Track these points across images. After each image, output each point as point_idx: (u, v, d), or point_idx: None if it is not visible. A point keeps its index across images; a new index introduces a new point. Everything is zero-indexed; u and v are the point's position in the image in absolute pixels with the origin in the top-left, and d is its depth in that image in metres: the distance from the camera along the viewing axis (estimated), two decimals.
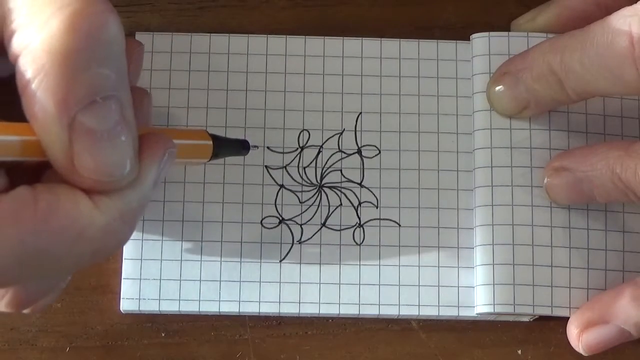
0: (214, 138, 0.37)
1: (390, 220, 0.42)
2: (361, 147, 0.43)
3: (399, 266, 0.42)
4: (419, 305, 0.41)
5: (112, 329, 0.42)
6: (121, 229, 0.30)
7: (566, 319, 0.41)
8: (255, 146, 0.41)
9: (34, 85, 0.27)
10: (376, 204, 0.42)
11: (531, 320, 0.42)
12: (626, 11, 0.36)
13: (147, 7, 0.45)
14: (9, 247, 0.27)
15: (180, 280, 0.41)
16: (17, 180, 0.28)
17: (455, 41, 0.44)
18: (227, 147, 0.38)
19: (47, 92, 0.27)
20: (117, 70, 0.28)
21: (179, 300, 0.41)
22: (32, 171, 0.29)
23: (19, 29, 0.27)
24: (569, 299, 0.41)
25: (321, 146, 0.43)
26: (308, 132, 0.43)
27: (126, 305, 0.41)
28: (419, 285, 0.42)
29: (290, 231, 0.42)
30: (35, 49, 0.27)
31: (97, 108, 0.27)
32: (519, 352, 0.42)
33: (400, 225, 0.42)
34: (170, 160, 0.31)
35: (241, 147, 0.39)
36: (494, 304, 0.41)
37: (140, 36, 0.43)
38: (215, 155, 0.37)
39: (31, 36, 0.27)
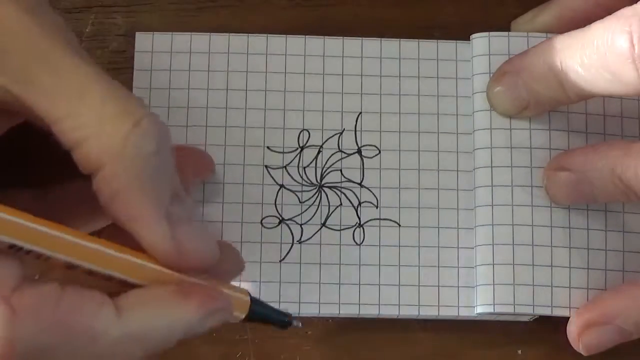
0: (252, 301, 0.34)
1: (390, 220, 0.42)
2: (361, 147, 0.43)
3: (399, 266, 0.42)
4: (419, 305, 0.41)
5: None
6: (130, 348, 0.30)
7: (566, 319, 0.41)
8: (298, 324, 0.36)
9: (130, 191, 0.29)
10: (376, 204, 0.42)
11: (531, 320, 0.42)
12: (626, 11, 0.36)
13: (147, 7, 0.45)
14: (20, 338, 0.28)
15: None
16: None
17: (455, 41, 0.44)
18: (264, 314, 0.35)
19: (145, 196, 0.30)
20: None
21: None
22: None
23: (91, 130, 0.29)
24: (569, 299, 0.41)
25: (321, 146, 0.43)
26: (308, 132, 0.43)
27: None
28: (419, 285, 0.42)
29: (290, 231, 0.42)
30: (123, 157, 0.29)
31: (180, 199, 0.31)
32: (519, 352, 0.42)
33: (400, 225, 0.42)
34: (210, 318, 0.32)
35: (281, 317, 0.36)
36: (494, 304, 0.41)
37: (140, 36, 0.43)
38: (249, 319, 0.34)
39: (114, 144, 0.29)
